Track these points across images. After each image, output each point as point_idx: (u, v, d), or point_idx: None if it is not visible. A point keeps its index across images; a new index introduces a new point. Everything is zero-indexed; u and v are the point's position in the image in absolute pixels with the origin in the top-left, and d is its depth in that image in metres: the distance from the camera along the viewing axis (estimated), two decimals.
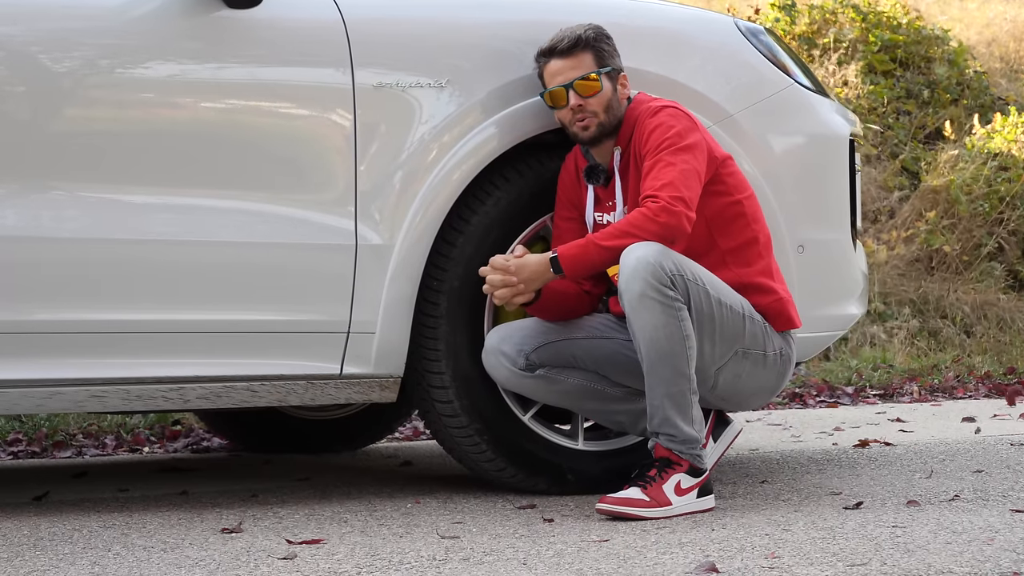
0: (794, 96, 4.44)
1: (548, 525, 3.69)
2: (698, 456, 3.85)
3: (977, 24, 12.32)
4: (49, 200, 3.72)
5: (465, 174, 4.02)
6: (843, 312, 4.56)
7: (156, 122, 3.83)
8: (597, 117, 4.00)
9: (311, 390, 3.94)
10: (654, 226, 3.80)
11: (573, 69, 4.00)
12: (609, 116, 4.01)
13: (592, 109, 3.99)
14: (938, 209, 9.76)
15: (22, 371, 3.71)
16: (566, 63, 4.00)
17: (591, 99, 3.99)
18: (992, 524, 3.57)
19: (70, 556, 3.34)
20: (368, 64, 3.95)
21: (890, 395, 7.35)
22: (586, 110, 3.99)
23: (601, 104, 3.99)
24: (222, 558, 3.30)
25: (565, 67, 4.00)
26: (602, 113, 4.00)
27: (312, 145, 3.93)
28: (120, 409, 3.84)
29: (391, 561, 3.24)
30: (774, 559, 3.18)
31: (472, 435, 4.08)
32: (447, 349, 4.03)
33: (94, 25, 3.80)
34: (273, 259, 3.87)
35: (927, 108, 10.74)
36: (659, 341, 3.77)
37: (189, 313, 3.82)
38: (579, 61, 4.00)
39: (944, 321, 9.17)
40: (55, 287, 3.71)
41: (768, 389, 4.07)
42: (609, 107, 4.00)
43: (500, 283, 3.86)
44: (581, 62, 4.00)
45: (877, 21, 10.95)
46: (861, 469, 4.62)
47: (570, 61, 4.00)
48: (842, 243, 4.52)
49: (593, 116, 3.99)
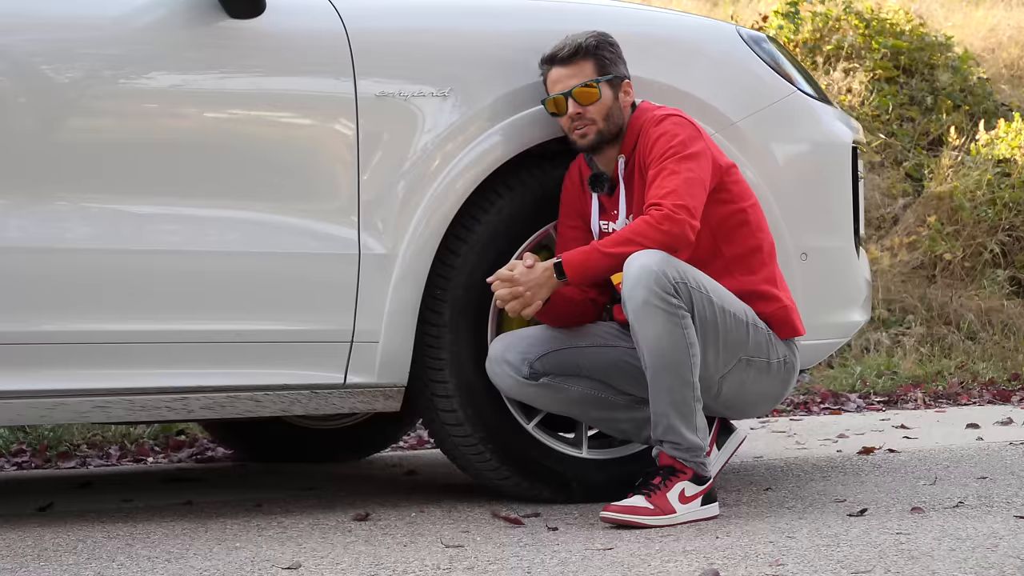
0: (797, 104, 4.44)
1: (552, 534, 3.69)
2: (702, 464, 3.85)
3: (981, 30, 12.31)
4: (53, 211, 3.72)
5: (468, 183, 4.02)
6: (847, 319, 4.56)
7: (159, 132, 3.84)
8: (596, 125, 3.99)
9: (315, 400, 3.94)
10: (658, 234, 3.80)
11: (573, 77, 4.00)
12: (609, 124, 4.00)
13: (591, 117, 3.99)
14: (942, 215, 9.75)
15: (26, 382, 3.71)
16: (567, 71, 4.00)
17: (590, 107, 3.98)
18: (996, 531, 3.57)
19: (74, 567, 3.34)
20: (371, 73, 3.96)
21: (894, 402, 7.35)
22: (585, 118, 3.99)
23: (600, 113, 3.99)
24: (227, 568, 3.30)
25: (565, 75, 4.00)
26: (601, 121, 3.99)
27: (315, 155, 3.94)
28: (124, 420, 3.84)
29: (395, 571, 3.24)
30: (778, 567, 3.18)
31: (476, 444, 4.08)
32: (451, 358, 4.03)
33: (97, 35, 3.80)
34: (276, 269, 3.87)
35: (930, 115, 10.73)
36: (663, 349, 3.77)
37: (193, 323, 3.82)
38: (579, 69, 4.00)
39: (948, 327, 9.16)
40: (59, 298, 3.71)
41: (772, 397, 4.07)
42: (609, 115, 4.00)
43: (508, 296, 3.86)
44: (581, 70, 4.00)
45: (880, 28, 10.94)
46: (865, 476, 4.62)
47: (570, 69, 4.00)
48: (845, 250, 4.51)
49: (592, 124, 3.99)
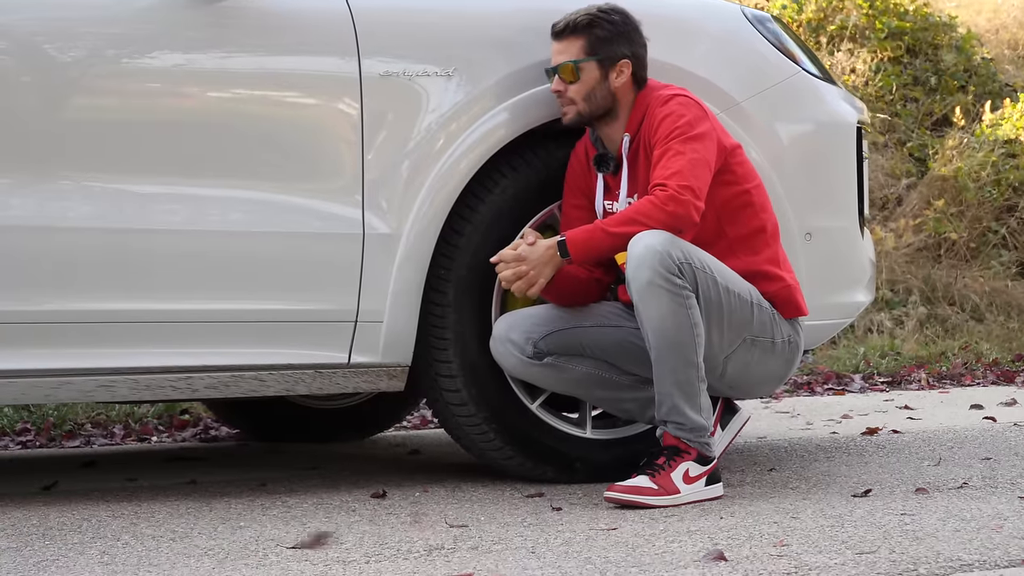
0: (801, 84, 4.43)
1: (556, 514, 3.69)
2: (706, 444, 3.85)
3: (985, 11, 12.28)
4: (56, 190, 3.72)
5: (473, 163, 4.02)
6: (851, 300, 4.56)
7: (162, 111, 3.83)
8: (575, 105, 3.97)
9: (319, 379, 3.94)
10: (662, 215, 3.79)
11: (561, 53, 3.99)
12: (589, 105, 3.97)
13: (570, 96, 3.97)
14: (946, 196, 9.74)
15: (31, 361, 3.71)
16: (558, 46, 4.00)
17: (570, 87, 3.97)
18: (1001, 511, 3.57)
19: (79, 546, 3.34)
20: (375, 53, 3.95)
21: (898, 383, 7.35)
22: (564, 96, 3.98)
23: (579, 93, 3.97)
24: (231, 547, 3.30)
25: (557, 50, 4.00)
26: (580, 102, 3.97)
27: (319, 134, 3.93)
28: (129, 399, 3.84)
29: (399, 550, 3.24)
30: (783, 547, 3.18)
31: (480, 424, 4.08)
32: (455, 338, 4.03)
33: (100, 14, 3.79)
34: (280, 248, 3.87)
35: (934, 95, 10.72)
36: (667, 329, 3.77)
37: (197, 303, 3.82)
38: (569, 45, 3.98)
39: (952, 308, 9.16)
40: (63, 277, 3.71)
41: (776, 377, 4.07)
42: (589, 96, 3.97)
43: (512, 276, 3.86)
44: (570, 47, 3.98)
45: (884, 8, 10.92)
46: (869, 457, 4.62)
47: (561, 44, 3.99)
48: (849, 231, 4.51)
49: (571, 104, 3.97)
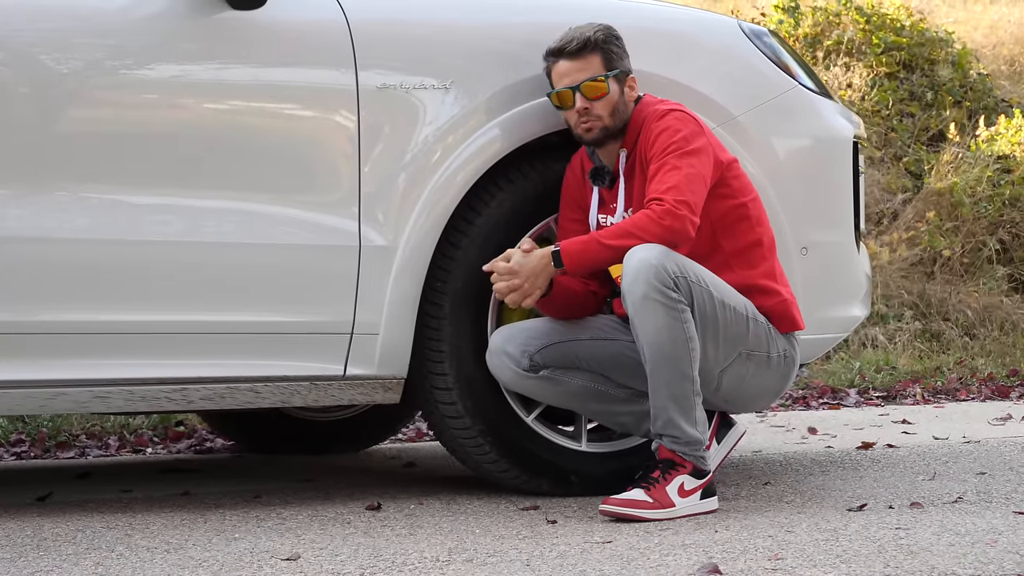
0: (798, 98, 4.43)
1: (551, 526, 3.69)
2: (702, 458, 3.85)
3: (982, 26, 12.31)
4: (53, 201, 3.72)
5: (469, 175, 4.02)
6: (847, 314, 4.56)
7: (159, 123, 3.83)
8: (602, 121, 3.98)
9: (315, 391, 3.94)
10: (658, 229, 3.79)
11: (581, 71, 3.98)
12: (614, 119, 3.99)
13: (597, 113, 3.98)
14: (941, 211, 9.75)
15: (25, 372, 3.71)
16: (574, 64, 3.99)
17: (597, 102, 3.97)
18: (995, 526, 3.57)
19: (73, 557, 3.34)
20: (372, 65, 3.95)
21: (893, 397, 7.35)
22: (591, 113, 3.98)
23: (607, 108, 3.98)
24: (225, 559, 3.30)
25: (573, 68, 3.99)
26: (607, 117, 3.98)
27: (316, 146, 3.93)
28: (124, 410, 3.84)
29: (394, 562, 3.24)
30: (777, 561, 3.18)
31: (475, 436, 4.08)
32: (451, 350, 4.03)
33: (96, 26, 3.80)
34: (276, 260, 3.87)
35: (930, 110, 10.73)
36: (662, 343, 3.77)
37: (192, 314, 3.82)
38: (587, 63, 3.99)
39: (947, 323, 9.16)
40: (59, 288, 3.71)
41: (772, 391, 4.07)
42: (615, 111, 3.99)
43: (506, 289, 3.86)
44: (589, 64, 3.99)
45: (881, 23, 10.94)
46: (864, 471, 4.62)
47: (578, 63, 3.99)
48: (845, 245, 4.51)
49: (598, 120, 3.98)
